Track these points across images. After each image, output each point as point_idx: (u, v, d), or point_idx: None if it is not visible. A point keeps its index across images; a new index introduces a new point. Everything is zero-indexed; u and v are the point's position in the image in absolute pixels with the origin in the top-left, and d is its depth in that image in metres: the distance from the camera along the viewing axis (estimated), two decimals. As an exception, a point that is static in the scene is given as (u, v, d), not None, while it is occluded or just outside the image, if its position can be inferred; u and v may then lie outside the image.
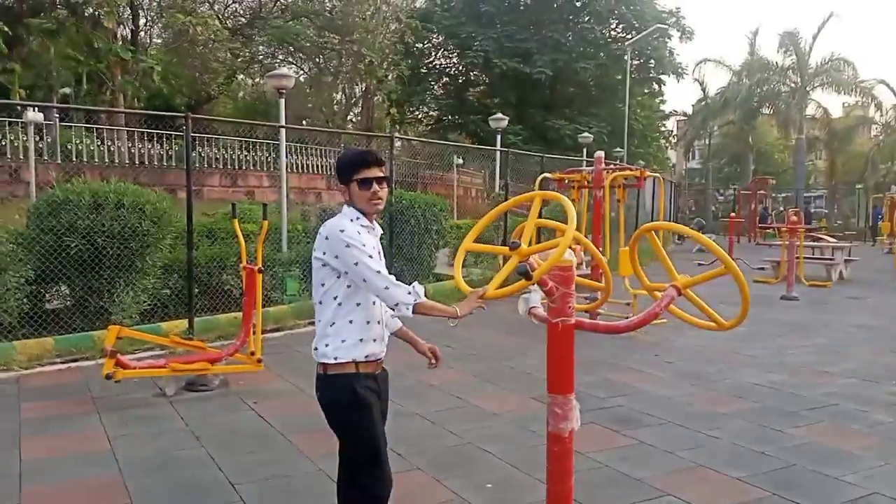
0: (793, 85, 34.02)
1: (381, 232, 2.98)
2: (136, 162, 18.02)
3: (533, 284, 2.91)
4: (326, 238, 2.72)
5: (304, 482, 4.15)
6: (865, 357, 7.54)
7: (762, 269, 15.89)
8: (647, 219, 19.82)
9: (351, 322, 2.73)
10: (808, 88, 33.35)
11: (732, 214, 18.65)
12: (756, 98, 34.81)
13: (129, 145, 18.16)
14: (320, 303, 2.81)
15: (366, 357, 2.76)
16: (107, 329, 5.95)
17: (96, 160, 17.15)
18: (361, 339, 2.73)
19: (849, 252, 15.87)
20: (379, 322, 2.83)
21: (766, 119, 39.74)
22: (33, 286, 7.58)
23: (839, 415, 5.49)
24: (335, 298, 2.75)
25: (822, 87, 33.43)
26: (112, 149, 17.79)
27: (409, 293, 2.68)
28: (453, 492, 4.02)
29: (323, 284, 2.78)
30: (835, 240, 17.34)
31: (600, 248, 9.15)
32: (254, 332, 6.29)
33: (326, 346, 2.75)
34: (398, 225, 11.23)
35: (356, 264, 2.67)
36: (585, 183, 9.65)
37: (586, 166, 14.91)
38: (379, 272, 2.70)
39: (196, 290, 8.87)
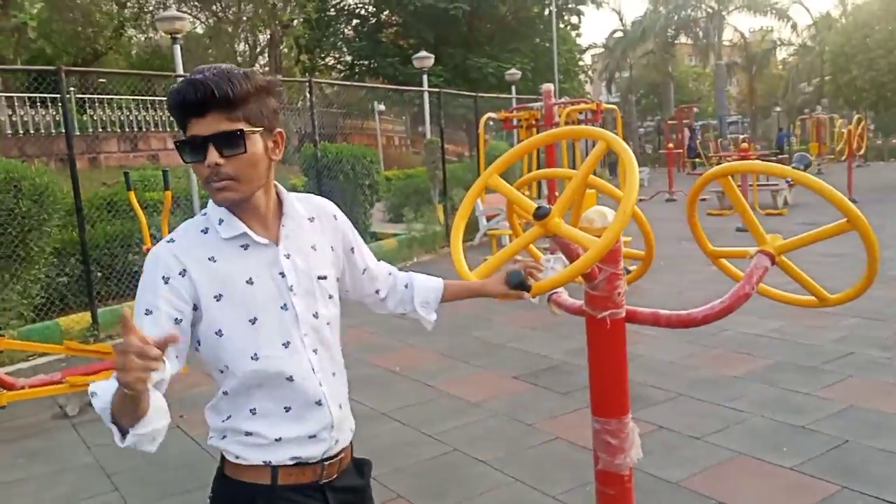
0: (710, 10, 33.78)
1: (329, 225, 1.64)
2: (21, 131, 16.03)
3: (534, 298, 1.97)
4: None
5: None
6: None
7: (703, 199, 15.48)
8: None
9: (253, 412, 1.49)
10: (724, 13, 33.18)
11: (671, 146, 18.10)
12: (673, 26, 34.49)
13: (10, 113, 16.10)
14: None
15: (293, 460, 1.50)
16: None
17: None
18: (279, 439, 1.49)
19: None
20: (320, 403, 1.51)
21: (680, 47, 39.61)
22: None
23: (864, 366, 4.81)
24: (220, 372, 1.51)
25: (738, 10, 33.33)
26: (-10, 118, 15.74)
27: (94, 392, 1.32)
28: (453, 529, 3.11)
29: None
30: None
31: (556, 198, 8.29)
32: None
33: (223, 434, 1.52)
34: (326, 183, 10.08)
35: None
36: (534, 121, 8.71)
37: (515, 104, 13.99)
38: None
39: (99, 275, 7.62)
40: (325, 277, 1.57)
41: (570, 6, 29.09)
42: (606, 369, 2.16)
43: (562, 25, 29.34)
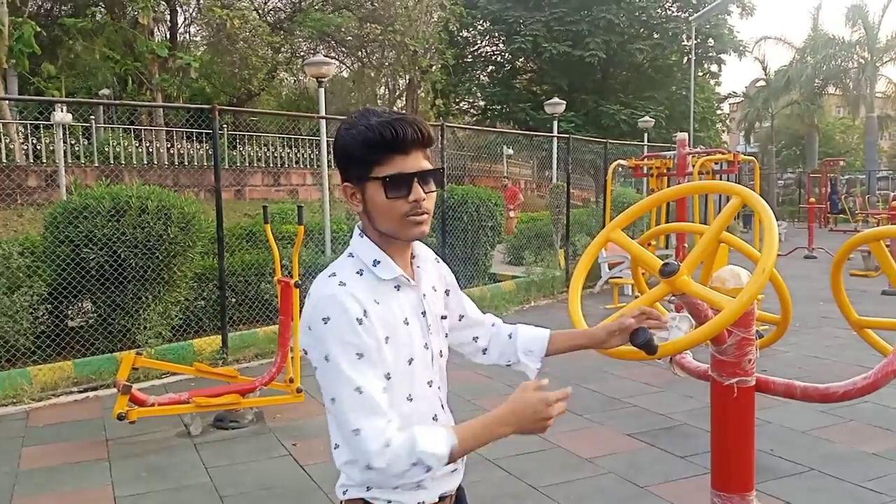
0: (861, 61, 31.95)
1: (435, 267, 1.67)
2: (177, 163, 17.42)
3: (659, 359, 1.89)
4: (309, 329, 1.42)
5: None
6: None
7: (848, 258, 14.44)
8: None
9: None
10: (878, 64, 31.28)
11: (812, 200, 17.08)
12: (821, 76, 32.84)
13: (169, 146, 17.56)
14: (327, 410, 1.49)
15: (439, 497, 1.54)
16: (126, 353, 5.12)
17: (134, 162, 16.55)
18: (397, 487, 1.47)
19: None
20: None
21: (828, 98, 37.62)
22: (51, 304, 6.82)
23: None
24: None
25: (892, 61, 31.33)
26: (151, 150, 17.21)
27: (428, 465, 1.37)
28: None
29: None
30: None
31: (684, 251, 7.99)
32: (292, 355, 5.35)
33: (367, 485, 1.49)
34: (450, 223, 10.24)
35: (333, 400, 1.39)
36: (665, 170, 8.49)
37: (647, 152, 13.72)
38: (360, 416, 1.36)
39: (233, 301, 8.04)
40: (445, 317, 1.64)
41: (710, 55, 28.34)
42: (731, 440, 2.04)
43: (700, 73, 28.67)
